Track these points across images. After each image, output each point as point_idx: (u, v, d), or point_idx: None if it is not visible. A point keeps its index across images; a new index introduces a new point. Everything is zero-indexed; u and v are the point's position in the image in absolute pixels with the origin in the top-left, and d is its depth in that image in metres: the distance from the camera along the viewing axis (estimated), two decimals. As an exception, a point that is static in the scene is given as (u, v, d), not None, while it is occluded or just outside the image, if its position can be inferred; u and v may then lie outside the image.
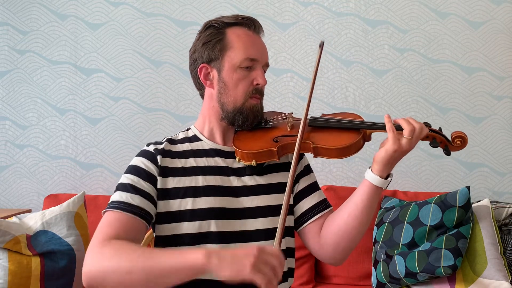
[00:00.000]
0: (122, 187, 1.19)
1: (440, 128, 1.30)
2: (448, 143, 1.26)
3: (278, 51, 2.69)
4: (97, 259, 1.04)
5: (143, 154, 1.26)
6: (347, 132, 1.26)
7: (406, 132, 1.17)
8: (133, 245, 1.05)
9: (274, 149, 1.23)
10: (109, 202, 1.18)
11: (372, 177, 1.19)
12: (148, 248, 1.05)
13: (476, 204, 2.26)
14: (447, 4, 2.65)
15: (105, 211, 1.16)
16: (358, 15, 2.68)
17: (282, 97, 2.70)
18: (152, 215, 1.19)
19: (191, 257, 0.97)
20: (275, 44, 2.69)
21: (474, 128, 2.64)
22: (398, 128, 1.20)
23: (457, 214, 2.08)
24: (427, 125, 1.27)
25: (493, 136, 2.64)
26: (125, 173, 1.23)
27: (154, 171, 1.22)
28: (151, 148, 1.27)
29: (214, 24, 1.29)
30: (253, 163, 1.24)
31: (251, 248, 0.96)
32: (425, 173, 2.64)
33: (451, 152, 1.27)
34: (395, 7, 2.67)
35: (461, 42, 2.64)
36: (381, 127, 1.24)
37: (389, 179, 1.20)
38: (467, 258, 2.12)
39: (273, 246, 1.05)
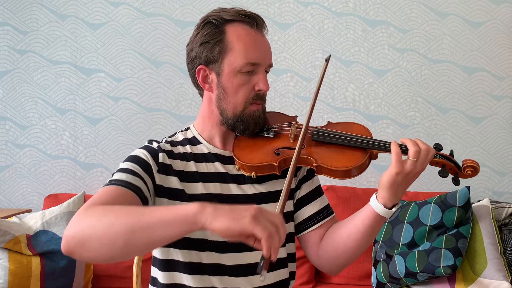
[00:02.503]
0: (122, 170, 1.14)
1: (451, 152, 1.19)
2: (458, 170, 1.15)
3: (278, 51, 2.68)
4: (79, 221, 0.93)
5: (146, 148, 1.21)
6: (353, 151, 1.17)
7: (410, 152, 1.07)
8: (122, 205, 0.95)
9: (275, 163, 1.17)
10: (107, 181, 1.12)
11: (375, 205, 1.12)
12: (139, 206, 0.94)
13: (476, 204, 2.26)
14: (447, 4, 2.65)
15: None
16: (358, 15, 2.68)
17: (282, 97, 2.70)
18: (148, 202, 1.14)
19: (183, 208, 0.86)
20: (275, 44, 2.68)
21: (474, 128, 2.64)
22: (404, 150, 1.11)
23: (457, 214, 2.09)
24: (439, 147, 1.17)
25: (493, 136, 2.64)
26: (124, 161, 1.18)
27: (153, 167, 1.17)
28: (154, 144, 1.22)
29: (213, 20, 1.19)
30: (253, 175, 1.19)
31: (251, 206, 0.86)
32: (425, 173, 2.64)
33: (460, 180, 1.15)
34: (395, 7, 2.67)
35: (461, 42, 2.64)
36: (388, 149, 1.14)
37: (393, 209, 1.12)
38: (467, 258, 2.12)
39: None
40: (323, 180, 2.61)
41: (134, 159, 1.18)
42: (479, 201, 2.29)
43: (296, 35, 2.70)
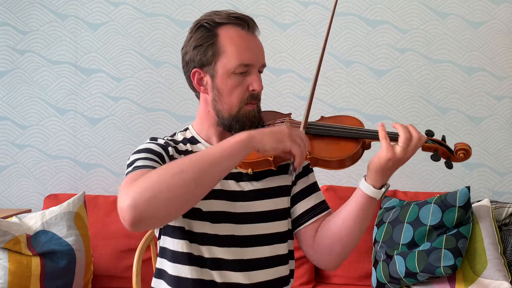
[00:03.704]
0: (140, 158, 1.13)
1: (443, 137, 1.22)
2: (450, 154, 1.19)
3: (278, 51, 2.69)
4: (136, 186, 0.94)
5: (155, 140, 1.23)
6: (345, 141, 1.21)
7: (401, 139, 1.11)
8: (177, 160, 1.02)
9: (270, 158, 1.20)
10: (129, 169, 1.10)
11: (365, 186, 1.15)
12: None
13: (476, 204, 2.26)
14: (447, 4, 2.65)
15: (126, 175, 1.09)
16: (358, 15, 2.68)
17: (282, 97, 2.70)
18: None
19: (236, 138, 1.04)
20: (275, 44, 2.68)
21: (474, 128, 2.64)
22: (394, 137, 1.14)
23: (457, 214, 2.08)
24: (430, 133, 1.21)
25: (493, 136, 2.64)
26: (136, 152, 1.17)
27: (165, 157, 1.19)
28: (160, 140, 1.24)
29: (205, 23, 1.22)
30: (250, 171, 1.22)
31: (281, 125, 1.10)
32: (425, 173, 2.64)
33: (453, 164, 1.19)
34: (395, 7, 2.67)
35: (461, 42, 2.64)
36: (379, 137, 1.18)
37: (382, 189, 1.15)
38: (467, 258, 2.12)
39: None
40: (323, 180, 2.61)
41: (147, 150, 1.18)
42: (479, 201, 2.29)
43: (296, 35, 2.70)
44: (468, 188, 2.13)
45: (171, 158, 1.20)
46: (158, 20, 2.73)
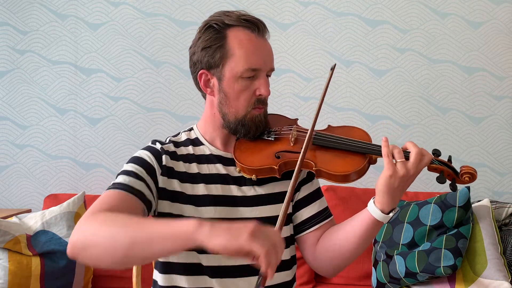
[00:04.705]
0: (126, 172, 1.15)
1: (449, 157, 1.20)
2: (455, 177, 1.17)
3: (278, 51, 2.68)
4: (83, 227, 0.98)
5: (149, 149, 1.21)
6: (352, 156, 1.19)
7: (396, 154, 1.10)
8: (124, 214, 0.99)
9: (275, 167, 1.18)
10: (111, 184, 1.13)
11: (373, 210, 1.12)
12: (140, 217, 0.98)
13: (476, 204, 2.26)
14: (447, 4, 2.65)
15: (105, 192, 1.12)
16: (358, 15, 2.68)
17: (282, 97, 2.70)
18: (152, 204, 1.16)
19: (180, 225, 0.88)
20: (275, 44, 2.68)
21: (474, 128, 2.64)
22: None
23: (457, 214, 2.09)
24: (437, 152, 1.18)
25: (493, 136, 2.64)
26: (128, 162, 1.18)
27: (157, 169, 1.18)
28: (158, 146, 1.22)
29: (214, 25, 1.19)
30: (253, 177, 1.20)
31: (248, 222, 0.87)
32: (425, 173, 2.63)
33: (457, 186, 1.17)
34: (395, 7, 2.67)
35: (461, 42, 2.64)
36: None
37: (390, 214, 1.12)
38: (467, 258, 2.12)
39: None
40: (323, 181, 2.60)
41: (138, 160, 1.19)
42: (479, 201, 2.29)
43: (296, 35, 2.70)
44: (468, 188, 2.13)
45: (164, 167, 1.19)
46: (158, 20, 2.73)
